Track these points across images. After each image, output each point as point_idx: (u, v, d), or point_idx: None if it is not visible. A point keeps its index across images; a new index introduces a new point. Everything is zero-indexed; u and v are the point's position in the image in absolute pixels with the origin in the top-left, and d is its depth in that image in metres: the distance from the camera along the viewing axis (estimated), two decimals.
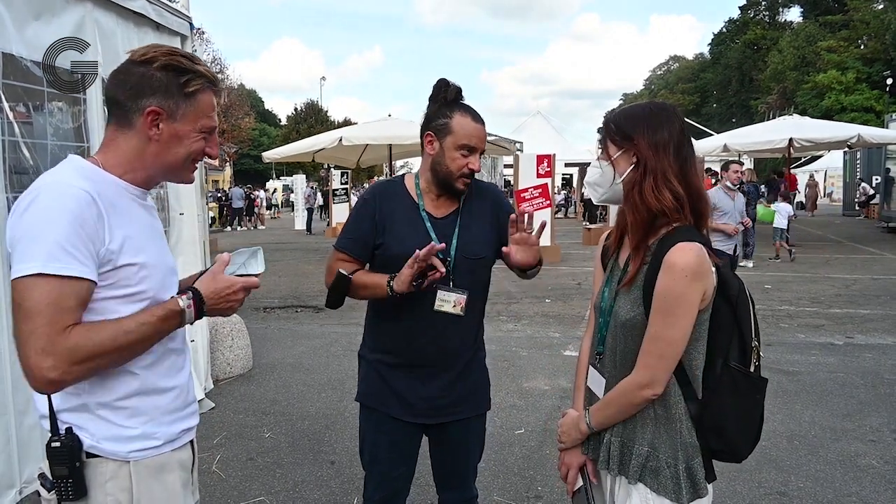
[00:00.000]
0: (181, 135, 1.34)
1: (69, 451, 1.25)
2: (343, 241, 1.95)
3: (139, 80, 1.30)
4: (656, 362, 1.42)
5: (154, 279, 1.32)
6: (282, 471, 3.51)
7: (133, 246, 1.28)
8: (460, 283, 1.88)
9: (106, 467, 1.29)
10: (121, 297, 1.27)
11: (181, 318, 1.31)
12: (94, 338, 1.19)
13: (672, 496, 1.43)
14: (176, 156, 1.36)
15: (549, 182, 12.01)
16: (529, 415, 4.28)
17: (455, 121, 1.85)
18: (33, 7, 3.11)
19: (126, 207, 1.32)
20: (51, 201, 1.20)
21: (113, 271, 1.25)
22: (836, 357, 5.53)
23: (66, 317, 1.17)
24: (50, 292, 1.16)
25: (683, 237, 1.42)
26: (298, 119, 45.81)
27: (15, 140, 3.08)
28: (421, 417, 1.95)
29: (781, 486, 3.26)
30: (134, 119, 1.31)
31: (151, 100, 1.30)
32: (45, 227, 1.17)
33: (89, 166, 1.31)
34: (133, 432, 1.31)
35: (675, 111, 1.54)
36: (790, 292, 8.55)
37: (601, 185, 1.55)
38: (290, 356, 5.78)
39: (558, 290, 8.98)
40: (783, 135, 13.83)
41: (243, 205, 24.18)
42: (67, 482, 1.25)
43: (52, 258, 1.15)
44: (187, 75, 1.33)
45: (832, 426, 4.02)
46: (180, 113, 1.33)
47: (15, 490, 3.04)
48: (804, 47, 42.58)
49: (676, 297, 1.38)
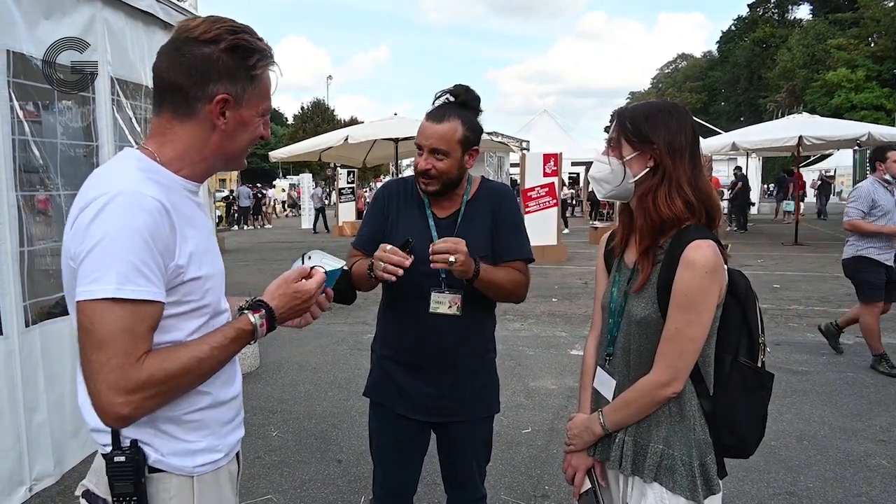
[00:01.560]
0: (246, 121, 1.23)
1: (135, 466, 1.16)
2: (357, 239, 2.01)
3: (205, 63, 1.16)
4: (677, 360, 1.42)
5: (216, 291, 1.24)
6: (289, 469, 3.52)
7: (198, 257, 1.19)
8: (456, 283, 1.86)
9: (170, 483, 1.21)
10: (184, 314, 1.18)
11: (254, 336, 1.22)
12: (167, 367, 1.09)
13: (688, 494, 1.43)
14: (240, 143, 1.25)
15: (556, 181, 11.98)
16: (536, 414, 4.27)
17: (420, 124, 1.89)
18: (44, 6, 3.14)
19: (189, 211, 1.21)
20: (122, 214, 1.07)
21: (179, 286, 1.15)
22: (845, 356, 5.49)
23: (140, 345, 1.07)
24: (123, 318, 1.05)
25: (697, 235, 1.43)
26: (305, 118, 45.92)
27: (25, 139, 3.10)
28: (425, 415, 1.95)
29: (790, 485, 3.24)
30: (198, 107, 1.18)
31: (220, 86, 1.17)
32: (118, 244, 1.05)
33: (152, 164, 1.18)
34: (198, 446, 1.24)
35: (687, 112, 1.55)
36: (799, 291, 8.50)
37: (609, 182, 1.54)
38: (297, 355, 5.80)
39: (565, 290, 8.96)
40: (792, 133, 13.73)
41: (250, 204, 24.28)
42: (132, 499, 1.16)
43: (126, 280, 1.04)
44: (255, 56, 1.20)
45: (841, 426, 3.99)
46: (246, 97, 1.21)
47: (25, 487, 3.06)
48: (813, 45, 42.28)
49: (698, 293, 1.39)
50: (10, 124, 2.94)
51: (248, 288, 9.32)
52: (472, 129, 1.87)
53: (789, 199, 19.17)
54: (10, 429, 2.97)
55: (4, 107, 2.91)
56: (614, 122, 1.55)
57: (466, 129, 1.84)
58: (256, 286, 1.45)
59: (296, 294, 1.27)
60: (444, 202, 1.94)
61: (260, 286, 1.37)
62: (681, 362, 1.42)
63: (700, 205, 1.46)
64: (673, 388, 1.43)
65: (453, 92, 1.88)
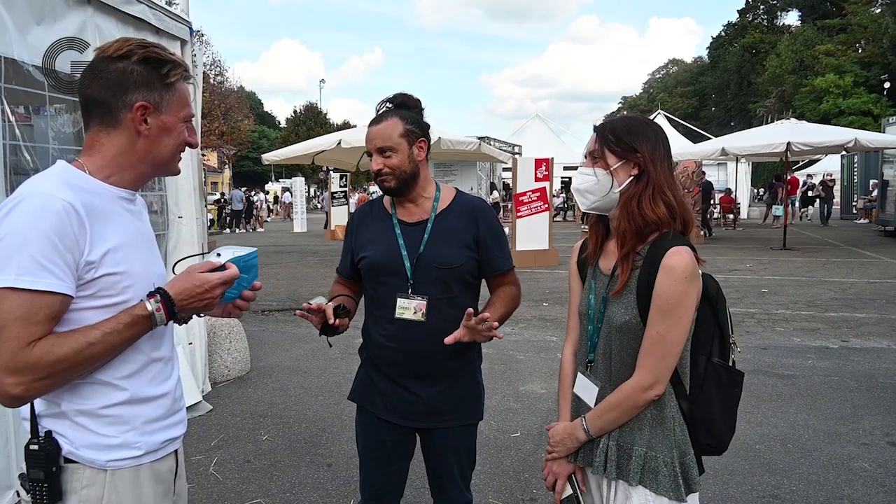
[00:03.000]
0: (169, 126, 1.33)
1: (46, 455, 1.24)
2: (339, 266, 2.14)
3: (122, 76, 1.27)
4: (659, 363, 1.46)
5: (138, 288, 1.29)
6: (279, 473, 3.53)
7: (116, 255, 1.26)
8: (425, 289, 1.90)
9: (83, 474, 1.27)
10: (101, 308, 1.24)
11: (151, 322, 1.26)
12: (56, 352, 1.16)
13: (671, 494, 1.47)
14: (166, 148, 1.34)
15: (547, 186, 12.04)
16: (525, 418, 4.31)
17: None
18: (35, 12, 3.15)
19: (113, 214, 1.29)
20: (30, 212, 1.17)
21: (93, 281, 1.23)
22: (830, 360, 5.56)
23: (34, 331, 1.15)
24: (20, 306, 1.14)
25: (675, 241, 1.48)
26: (298, 121, 45.86)
27: (16, 143, 3.11)
28: (405, 420, 1.98)
29: (774, 489, 3.29)
30: (120, 116, 1.28)
31: (137, 94, 1.27)
32: (21, 239, 1.15)
33: (76, 172, 1.28)
34: (113, 441, 1.29)
35: (660, 127, 1.62)
36: (786, 296, 8.59)
37: (594, 194, 1.57)
38: (288, 359, 5.80)
39: (556, 294, 9.00)
40: (781, 139, 13.87)
41: (242, 207, 24.24)
42: (43, 486, 1.24)
43: (24, 272, 1.13)
44: (167, 66, 1.31)
45: (826, 429, 4.05)
46: (165, 104, 1.31)
47: (13, 491, 3.05)
48: (802, 51, 42.72)
49: (678, 298, 1.43)
50: (0, 129, 2.95)
51: None
52: (414, 123, 1.94)
53: (778, 204, 19.30)
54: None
55: None
56: (594, 137, 1.60)
57: (406, 123, 1.91)
58: None
59: (196, 284, 1.30)
60: (411, 207, 1.98)
61: None
62: (662, 366, 1.46)
63: (679, 209, 1.52)
64: (655, 391, 1.47)
65: (392, 99, 1.99)
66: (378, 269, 1.95)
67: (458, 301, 1.93)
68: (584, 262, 1.72)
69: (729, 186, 22.68)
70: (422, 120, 1.98)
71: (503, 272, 2.03)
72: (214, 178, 35.79)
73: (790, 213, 17.85)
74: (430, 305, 1.89)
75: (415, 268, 1.90)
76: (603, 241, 1.65)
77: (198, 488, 3.32)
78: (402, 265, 1.91)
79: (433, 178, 2.05)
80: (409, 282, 1.90)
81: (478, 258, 1.97)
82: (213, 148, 30.36)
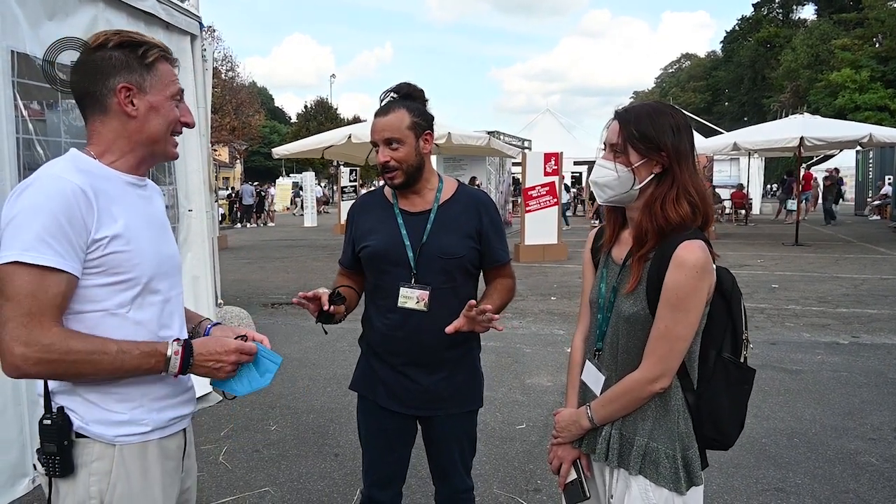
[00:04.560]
0: (156, 105, 1.37)
1: (58, 429, 1.31)
2: (342, 257, 2.14)
3: (101, 64, 1.34)
4: (666, 357, 1.46)
5: (145, 267, 1.35)
6: (286, 462, 3.58)
7: (125, 234, 1.31)
8: (428, 279, 1.92)
9: (93, 448, 1.33)
10: (111, 285, 1.30)
11: (165, 364, 1.32)
12: (71, 343, 1.22)
13: (671, 486, 1.47)
14: (157, 127, 1.39)
15: (556, 180, 12.01)
16: (531, 410, 4.33)
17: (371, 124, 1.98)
18: (47, 7, 3.19)
19: (121, 197, 1.35)
20: (40, 193, 1.23)
21: (101, 258, 1.28)
22: (840, 356, 5.53)
23: (46, 309, 1.21)
24: (30, 282, 1.19)
25: (688, 235, 1.46)
26: (308, 116, 45.90)
27: (29, 138, 3.17)
28: (406, 408, 2.00)
29: (779, 482, 3.29)
30: (108, 102, 1.34)
31: (118, 78, 1.34)
32: (30, 218, 1.21)
33: (86, 158, 1.35)
34: (121, 417, 1.34)
35: (684, 114, 1.57)
36: (797, 291, 8.53)
37: (613, 189, 1.54)
38: (297, 351, 5.86)
39: (564, 288, 9.00)
40: (794, 133, 13.73)
41: (253, 202, 24.37)
42: (56, 459, 1.31)
43: (30, 248, 1.19)
44: (143, 47, 1.36)
45: (833, 424, 4.03)
46: (148, 84, 1.36)
47: (28, 479, 3.12)
48: (818, 45, 42.20)
49: (688, 292, 1.42)
50: (14, 123, 3.00)
51: (250, 285, 9.32)
52: (420, 115, 1.94)
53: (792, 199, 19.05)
54: (13, 422, 3.04)
55: (9, 106, 2.97)
56: (616, 127, 1.54)
57: (413, 115, 1.91)
58: (257, 283, 1.52)
59: (217, 345, 1.39)
60: (414, 198, 1.99)
61: (261, 283, 1.44)
62: (669, 359, 1.46)
63: (702, 206, 1.49)
64: (661, 384, 1.47)
65: (396, 90, 1.98)
66: (380, 259, 1.96)
67: (460, 290, 1.95)
68: (598, 250, 1.70)
69: (741, 182, 22.49)
70: (427, 111, 1.98)
71: (502, 264, 2.06)
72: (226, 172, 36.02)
73: (803, 209, 17.63)
74: (432, 295, 1.91)
75: (418, 257, 1.92)
76: (619, 229, 1.63)
77: (207, 476, 3.37)
78: (405, 255, 1.93)
79: (435, 171, 2.07)
80: (412, 271, 1.92)
81: (479, 249, 1.99)
82: (224, 143, 30.53)
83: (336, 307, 1.87)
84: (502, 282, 2.06)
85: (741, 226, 20.06)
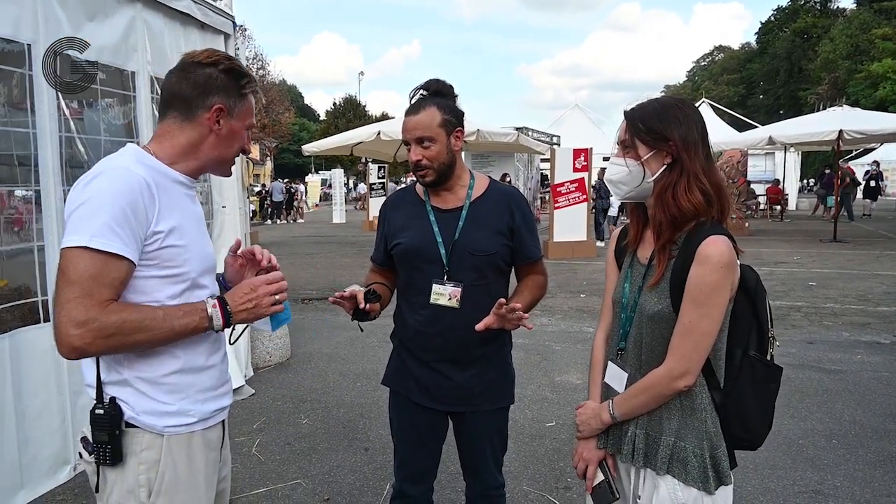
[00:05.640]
0: (236, 131, 1.48)
1: (110, 419, 1.36)
2: (374, 254, 2.16)
3: (207, 80, 1.43)
4: (691, 353, 1.44)
5: (195, 263, 1.42)
6: (317, 456, 3.63)
7: (178, 230, 1.38)
8: (460, 276, 1.92)
9: (142, 438, 1.39)
10: (163, 278, 1.37)
11: (209, 321, 1.38)
12: (124, 315, 1.27)
13: (700, 485, 1.45)
14: (230, 150, 1.50)
15: (585, 176, 11.89)
16: (561, 408, 4.30)
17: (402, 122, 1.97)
18: (88, 9, 3.28)
19: (175, 194, 1.42)
20: (108, 182, 1.30)
21: (157, 251, 1.35)
22: (881, 356, 5.36)
23: (105, 291, 1.26)
24: (93, 265, 1.25)
25: (712, 231, 1.45)
26: (337, 114, 46.34)
27: (71, 136, 3.26)
28: (438, 404, 2.01)
29: (817, 484, 3.21)
30: (198, 113, 1.43)
31: (217, 98, 1.43)
32: (99, 206, 1.27)
33: (146, 154, 1.42)
34: (170, 408, 1.40)
35: (694, 106, 1.57)
36: (835, 289, 8.30)
37: (627, 184, 1.55)
38: (327, 346, 5.93)
39: (594, 285, 8.91)
40: (832, 126, 13.33)
41: (283, 198, 24.69)
42: (106, 447, 1.36)
43: (98, 234, 1.25)
44: (245, 79, 1.48)
45: (874, 426, 3.92)
46: (236, 111, 1.47)
47: (70, 466, 3.23)
48: (857, 35, 40.89)
49: (712, 288, 1.41)
50: (57, 122, 3.10)
51: None
52: (451, 112, 1.93)
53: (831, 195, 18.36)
54: (56, 411, 3.14)
55: (52, 105, 3.06)
56: (624, 124, 1.56)
57: (445, 113, 1.91)
58: (287, 279, 1.52)
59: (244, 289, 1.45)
60: (446, 195, 1.99)
61: (291, 279, 1.47)
62: (694, 356, 1.44)
63: (716, 196, 1.48)
64: (685, 381, 1.45)
65: (425, 86, 1.98)
66: (412, 256, 1.97)
67: (492, 287, 1.95)
68: (622, 249, 1.70)
69: (776, 177, 21.94)
70: (457, 108, 1.98)
71: (534, 261, 2.05)
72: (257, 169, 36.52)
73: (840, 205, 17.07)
74: (464, 292, 1.91)
75: (450, 254, 1.92)
76: (642, 228, 1.62)
77: (241, 468, 3.44)
78: (438, 252, 1.93)
79: (467, 167, 2.07)
80: (444, 268, 1.92)
81: (511, 245, 1.98)
82: (255, 140, 31.00)
83: (371, 305, 1.89)
84: (534, 278, 2.05)
85: (776, 222, 19.58)
